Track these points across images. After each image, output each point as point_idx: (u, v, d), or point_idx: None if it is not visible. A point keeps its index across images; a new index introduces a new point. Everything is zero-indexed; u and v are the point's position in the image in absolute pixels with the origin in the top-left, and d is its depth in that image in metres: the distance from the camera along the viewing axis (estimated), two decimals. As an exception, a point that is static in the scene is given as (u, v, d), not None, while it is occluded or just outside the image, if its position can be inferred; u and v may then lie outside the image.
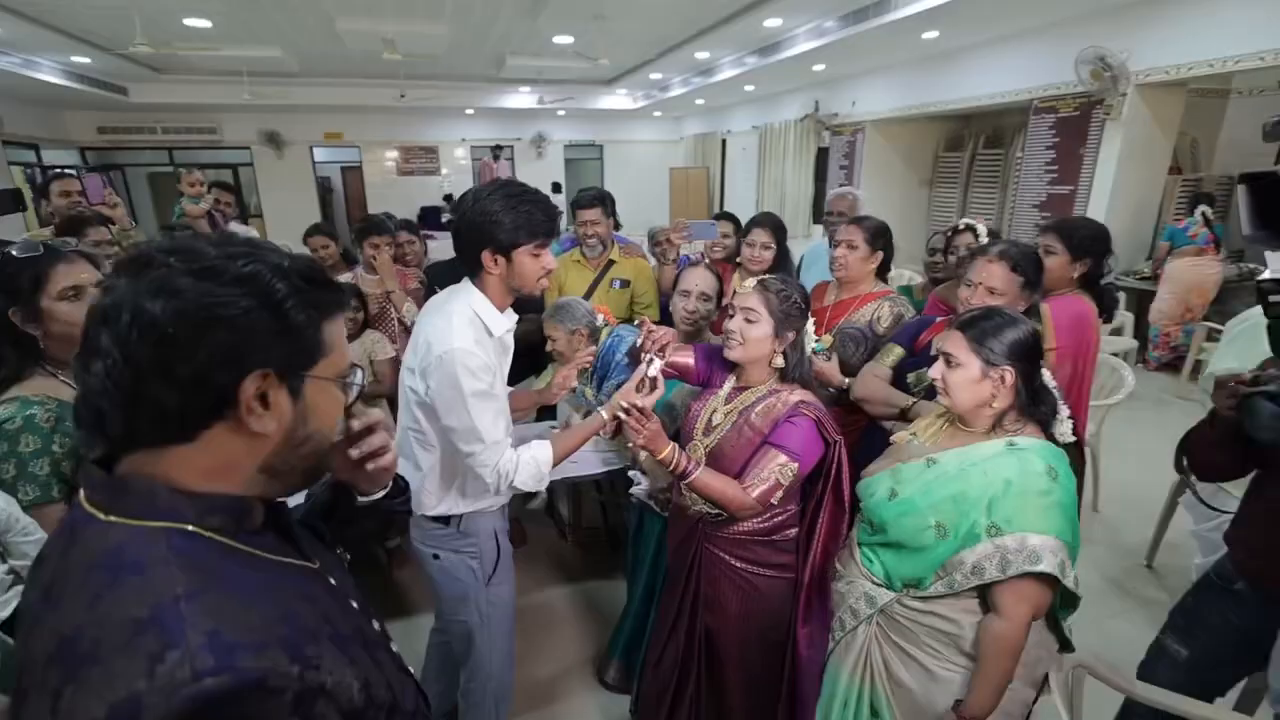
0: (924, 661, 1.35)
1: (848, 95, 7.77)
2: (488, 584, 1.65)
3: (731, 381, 1.66)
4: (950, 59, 6.14)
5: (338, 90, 9.55)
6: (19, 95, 8.03)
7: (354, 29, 6.13)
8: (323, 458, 0.71)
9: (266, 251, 0.63)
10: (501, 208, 1.40)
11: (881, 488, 1.41)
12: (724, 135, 11.33)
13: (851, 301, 2.22)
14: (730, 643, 1.69)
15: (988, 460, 1.30)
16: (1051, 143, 5.17)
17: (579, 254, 2.86)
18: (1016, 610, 1.24)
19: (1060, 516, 1.23)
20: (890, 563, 1.39)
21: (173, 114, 10.19)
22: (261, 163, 11.18)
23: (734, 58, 7.55)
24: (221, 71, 8.34)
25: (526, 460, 1.52)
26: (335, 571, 0.76)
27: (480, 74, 9.21)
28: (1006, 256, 1.75)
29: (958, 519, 1.28)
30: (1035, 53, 5.24)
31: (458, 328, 1.43)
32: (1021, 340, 1.31)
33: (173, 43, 6.50)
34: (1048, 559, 1.20)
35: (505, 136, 11.85)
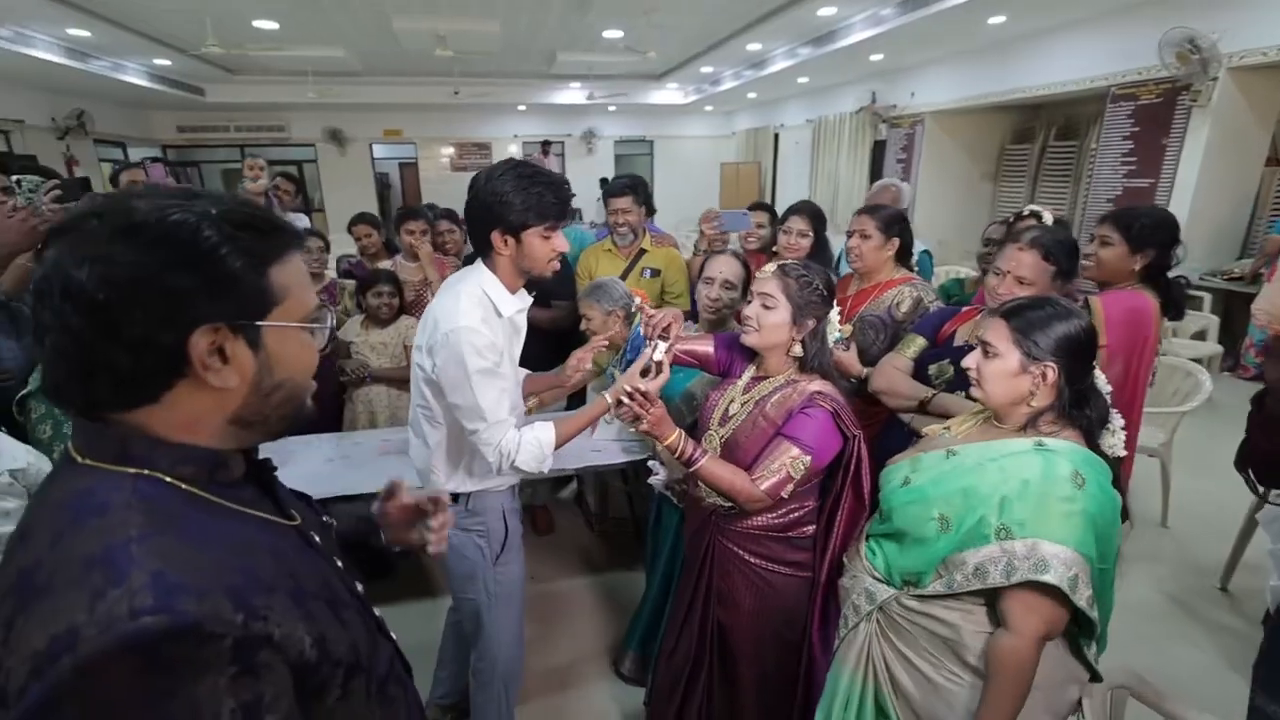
0: (922, 668, 1.25)
1: (906, 86, 7.49)
2: (495, 563, 1.65)
3: (751, 371, 1.60)
4: (1018, 45, 5.82)
5: (396, 89, 9.85)
6: (109, 97, 8.65)
7: (410, 28, 6.29)
8: (299, 406, 0.70)
9: (199, 200, 0.60)
10: (512, 188, 1.39)
11: (898, 475, 1.34)
12: (776, 129, 11.13)
13: (871, 290, 2.14)
14: (743, 639, 1.64)
15: (1008, 457, 1.19)
16: (1130, 132, 4.83)
17: (610, 242, 2.83)
18: (1025, 623, 1.13)
19: (1083, 528, 1.11)
20: (891, 555, 1.32)
21: (245, 113, 10.80)
22: (325, 159, 11.73)
23: (787, 49, 7.38)
24: (289, 71, 8.76)
25: (529, 440, 1.50)
26: (320, 532, 0.77)
27: (532, 70, 9.34)
28: (1038, 244, 1.65)
29: (963, 513, 1.18)
30: (1114, 36, 4.89)
31: (465, 306, 1.44)
32: (1072, 335, 1.18)
33: (243, 44, 6.84)
34: (1056, 569, 1.09)
35: (556, 132, 11.98)
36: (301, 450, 2.44)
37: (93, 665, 0.48)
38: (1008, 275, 1.65)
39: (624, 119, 12.34)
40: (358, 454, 2.42)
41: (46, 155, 7.30)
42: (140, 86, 8.02)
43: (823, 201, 9.04)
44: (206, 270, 0.58)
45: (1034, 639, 1.12)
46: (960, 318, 1.83)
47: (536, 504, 3.17)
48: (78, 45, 6.55)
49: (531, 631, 2.39)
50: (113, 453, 0.60)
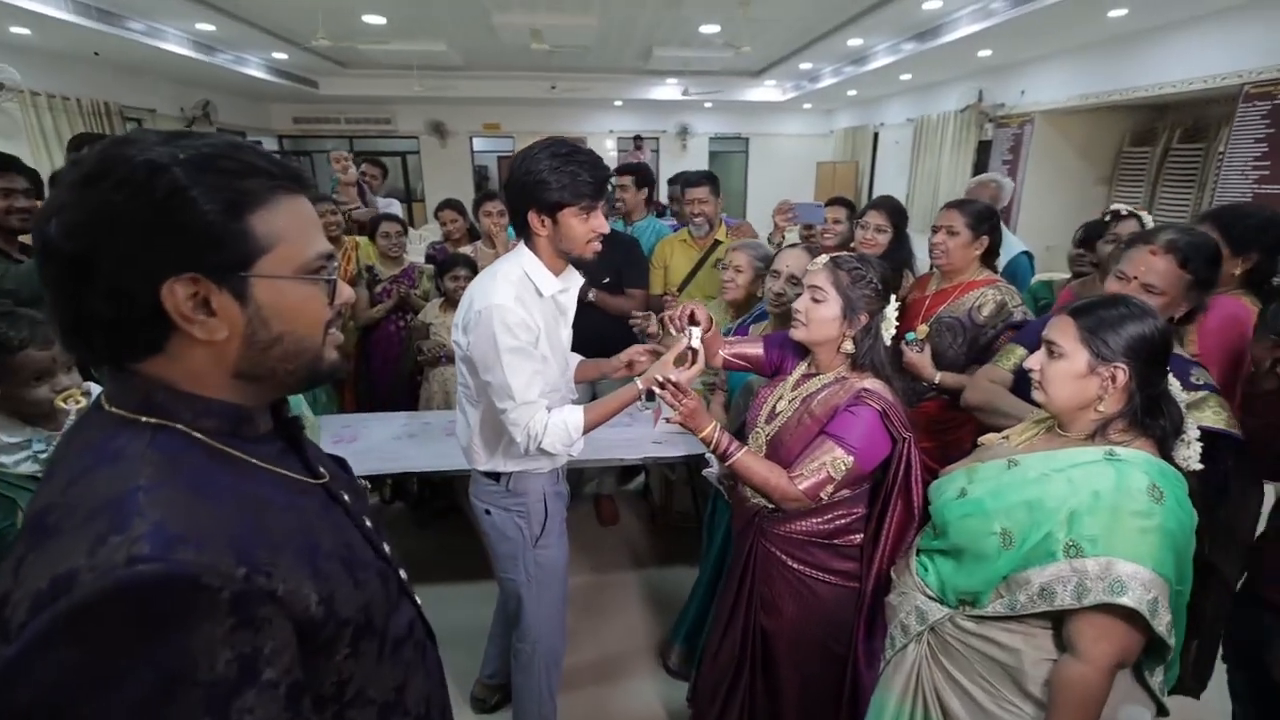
0: (977, 696, 1.16)
1: (1016, 84, 7.07)
2: (535, 545, 1.66)
3: (802, 368, 1.56)
4: (1141, 40, 5.38)
5: (496, 83, 10.17)
6: (231, 88, 9.19)
7: (508, 22, 6.49)
8: (310, 361, 0.66)
9: (177, 141, 0.58)
10: (547, 168, 1.38)
11: (952, 487, 1.26)
12: (876, 128, 10.74)
13: (953, 290, 2.06)
14: (785, 646, 1.59)
15: (1077, 467, 1.10)
16: (1264, 135, 4.38)
17: (686, 234, 2.87)
18: (1096, 650, 1.03)
19: (1162, 546, 1.02)
20: (946, 572, 1.24)
21: (354, 105, 11.29)
22: (427, 151, 12.15)
23: (889, 44, 7.14)
24: (395, 66, 9.13)
25: (556, 423, 1.47)
26: (349, 492, 0.76)
27: (628, 66, 9.42)
28: (1175, 248, 1.45)
29: (1028, 529, 1.09)
30: (1250, 29, 4.44)
31: (500, 285, 1.44)
32: (1146, 336, 1.10)
33: (352, 38, 7.19)
34: (1134, 591, 0.99)
35: (651, 128, 12.02)
36: (372, 425, 2.57)
37: (86, 608, 0.48)
38: (1134, 281, 1.46)
39: (720, 116, 12.23)
40: (426, 433, 2.51)
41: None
42: (259, 79, 8.41)
43: (922, 203, 8.71)
44: (171, 216, 0.55)
45: (1106, 668, 1.03)
46: None
47: (603, 494, 3.22)
48: (204, 39, 6.90)
49: (584, 622, 2.48)
50: (135, 402, 0.60)
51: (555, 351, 1.57)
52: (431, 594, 2.58)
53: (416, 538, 3.09)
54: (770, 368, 1.65)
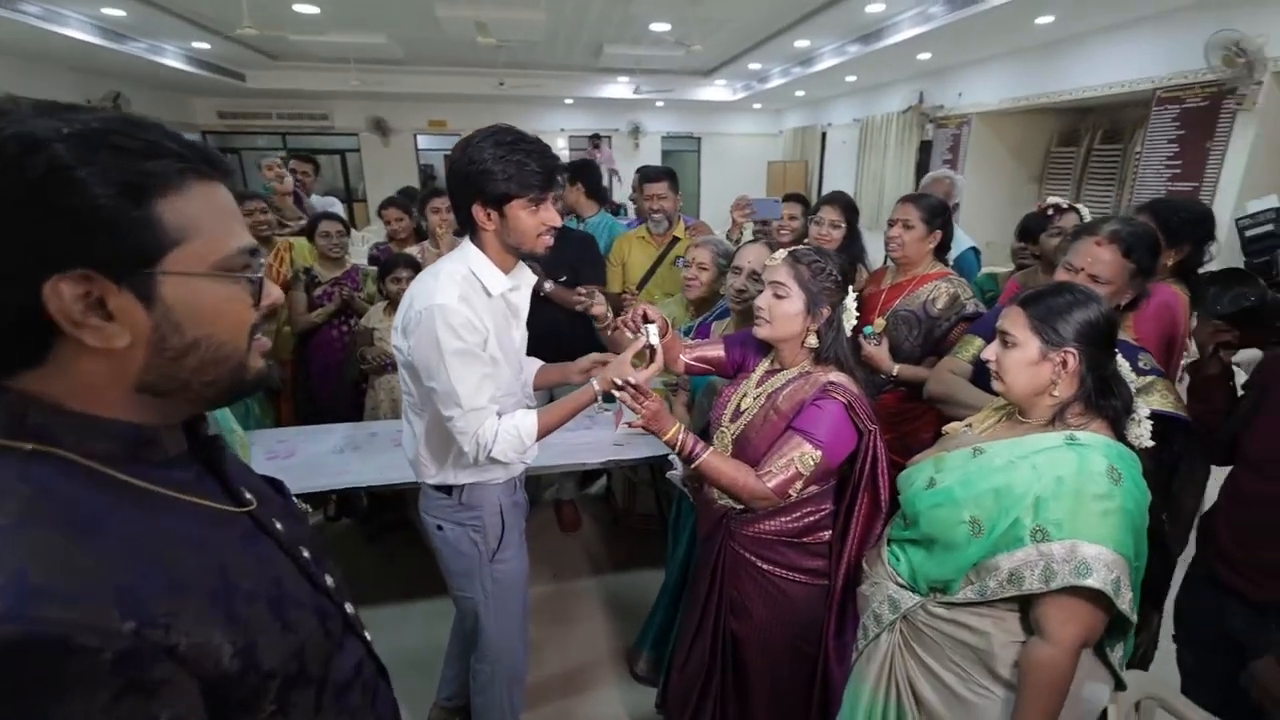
0: (949, 681, 1.19)
1: (954, 86, 7.33)
2: (492, 560, 1.58)
3: (765, 364, 1.54)
4: (1066, 47, 5.67)
5: (441, 79, 9.89)
6: (147, 80, 8.44)
7: (452, 15, 6.28)
8: (232, 370, 0.58)
9: (64, 115, 0.49)
10: (491, 156, 1.28)
11: (921, 477, 1.28)
12: (824, 128, 10.98)
13: (908, 284, 2.11)
14: (755, 650, 1.58)
15: (1041, 453, 1.14)
16: (1175, 136, 4.69)
17: (645, 230, 2.84)
18: (1063, 632, 1.07)
19: (1121, 526, 1.06)
20: (917, 561, 1.26)
21: (287, 100, 10.65)
22: (368, 149, 11.61)
23: (835, 46, 7.29)
24: (331, 58, 8.66)
25: (507, 430, 1.38)
26: (283, 519, 0.68)
27: (578, 63, 9.31)
28: (1118, 239, 1.50)
29: (996, 516, 1.13)
30: (1161, 38, 4.75)
31: (443, 284, 1.34)
32: (1092, 321, 1.15)
33: (282, 27, 6.78)
34: (1099, 572, 1.03)
35: (603, 127, 11.91)
36: (311, 438, 2.41)
37: None
38: (1081, 272, 1.51)
39: (672, 115, 12.25)
40: (371, 444, 2.38)
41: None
42: (179, 70, 7.76)
43: (868, 201, 8.93)
44: (52, 201, 0.47)
45: (1073, 648, 1.07)
46: None
47: (564, 499, 3.17)
48: (113, 25, 6.35)
49: (547, 632, 2.43)
50: (4, 424, 0.50)
51: (507, 354, 1.48)
52: (383, 615, 2.44)
53: (365, 555, 2.97)
54: (732, 367, 1.62)
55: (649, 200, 2.75)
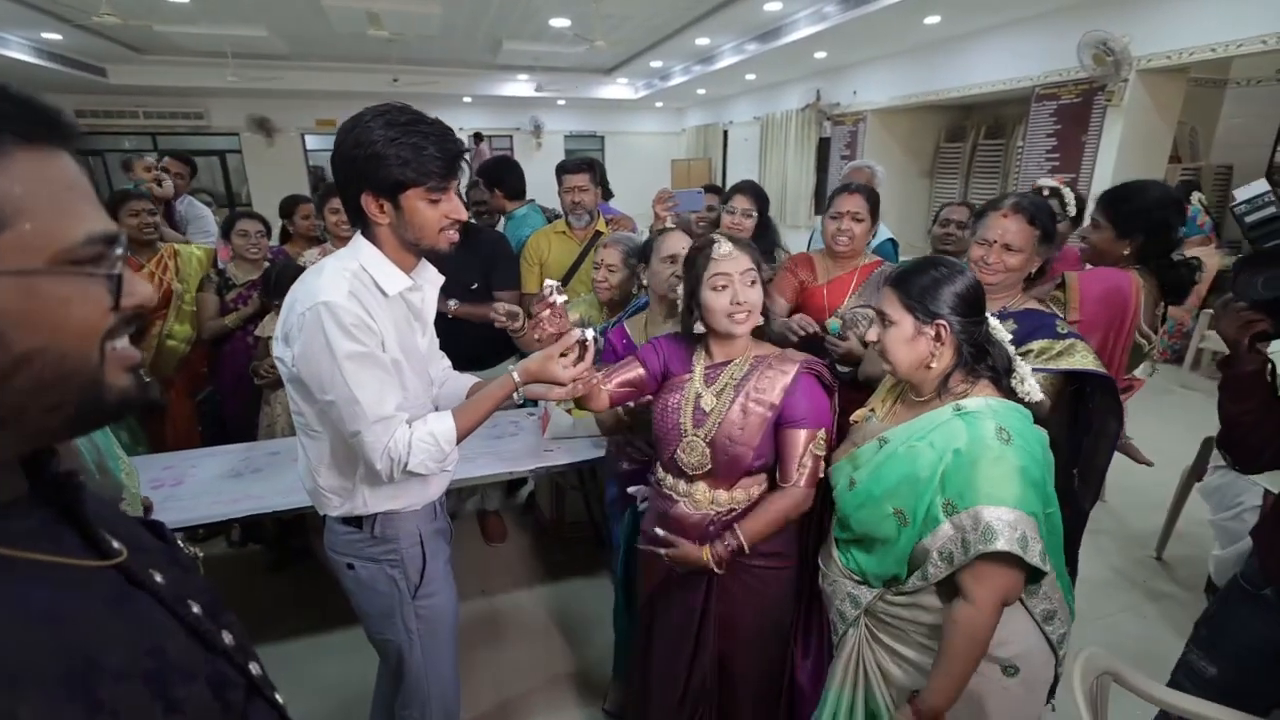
0: (915, 660, 1.24)
1: (849, 84, 7.65)
2: (414, 596, 1.39)
3: (703, 361, 1.48)
4: (952, 46, 6.02)
5: (330, 75, 9.36)
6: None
7: (340, 5, 5.91)
8: (84, 388, 0.47)
9: None
10: (382, 139, 1.11)
11: (842, 477, 1.31)
12: (725, 126, 11.23)
13: (850, 277, 2.09)
14: (743, 663, 1.55)
15: (934, 431, 1.18)
16: (1053, 130, 5.07)
17: (564, 224, 2.72)
18: (979, 592, 1.12)
19: (1017, 482, 1.10)
20: (863, 560, 1.29)
21: (156, 98, 9.87)
22: (251, 150, 10.89)
23: (734, 44, 7.43)
24: (205, 52, 8.05)
25: (422, 437, 1.20)
26: (165, 569, 0.56)
27: (477, 60, 9.06)
28: (1021, 209, 1.62)
29: (914, 502, 1.16)
30: (1038, 39, 5.13)
31: (330, 280, 1.16)
32: (958, 292, 1.20)
33: (148, 17, 6.21)
34: (1004, 535, 1.07)
35: (504, 126, 11.71)
36: (201, 462, 2.18)
37: None
38: (995, 244, 1.62)
39: (574, 114, 12.15)
40: (273, 465, 2.17)
41: None
42: (25, 63, 7.00)
43: (773, 196, 9.10)
44: None
45: (990, 607, 1.12)
46: None
47: (489, 510, 3.00)
48: None
49: (481, 655, 2.26)
50: None
51: (412, 360, 1.30)
52: (298, 649, 2.23)
53: (274, 585, 2.71)
54: (656, 380, 1.52)
55: (569, 193, 2.63)
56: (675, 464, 1.47)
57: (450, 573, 1.50)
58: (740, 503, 1.46)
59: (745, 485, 1.46)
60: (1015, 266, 1.61)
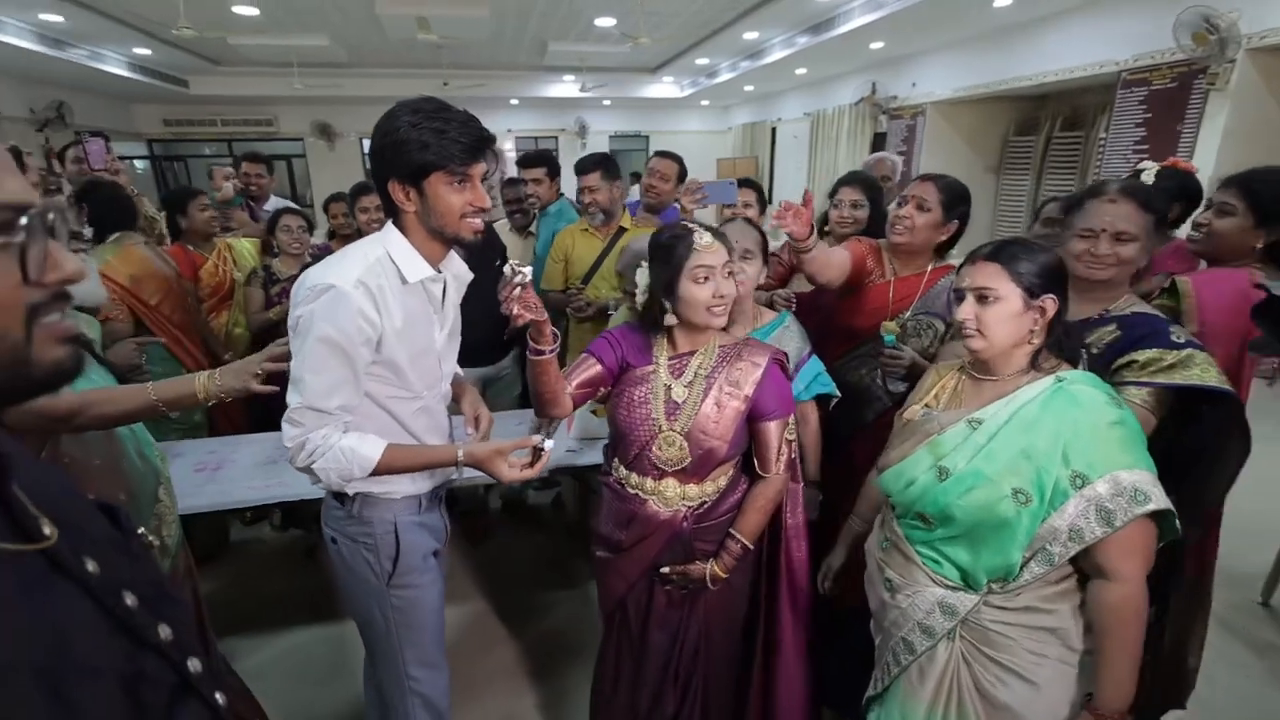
0: (1026, 671, 1.14)
1: (908, 76, 7.27)
2: (389, 584, 1.39)
3: (665, 352, 1.45)
4: (1025, 31, 5.59)
5: (385, 81, 9.64)
6: (89, 87, 8.43)
7: (393, 12, 6.06)
8: (13, 362, 0.46)
9: None
10: (406, 124, 1.14)
11: (921, 471, 1.21)
12: (774, 123, 10.93)
13: (919, 279, 1.82)
14: (717, 673, 1.59)
15: (1046, 400, 1.13)
16: (1142, 119, 4.61)
17: (586, 222, 2.66)
18: (1129, 566, 1.07)
19: (1141, 443, 1.10)
20: (965, 558, 1.18)
21: (231, 106, 10.60)
22: (314, 154, 11.56)
23: (785, 37, 7.17)
24: (274, 62, 8.54)
25: (343, 449, 1.21)
26: (103, 555, 0.54)
27: (524, 62, 9.15)
28: (1130, 192, 1.39)
29: (1037, 476, 1.09)
30: (1126, 19, 4.67)
31: (347, 266, 1.19)
32: (1056, 265, 1.18)
33: (221, 30, 6.59)
34: (1156, 494, 1.04)
35: (550, 127, 11.82)
36: (241, 449, 2.23)
37: None
38: (1103, 234, 1.39)
39: (619, 113, 12.13)
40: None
41: (25, 146, 7.04)
42: (121, 77, 7.78)
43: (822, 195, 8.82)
44: None
45: (1141, 578, 1.08)
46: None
47: (480, 510, 2.97)
48: (51, 32, 6.30)
49: (499, 655, 2.22)
50: None
51: (418, 352, 1.30)
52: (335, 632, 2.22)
53: (307, 570, 2.77)
54: (613, 374, 1.48)
55: (582, 193, 2.60)
56: (645, 461, 1.44)
57: (436, 569, 1.47)
58: (710, 495, 1.46)
59: (715, 477, 1.46)
60: (1130, 258, 1.37)
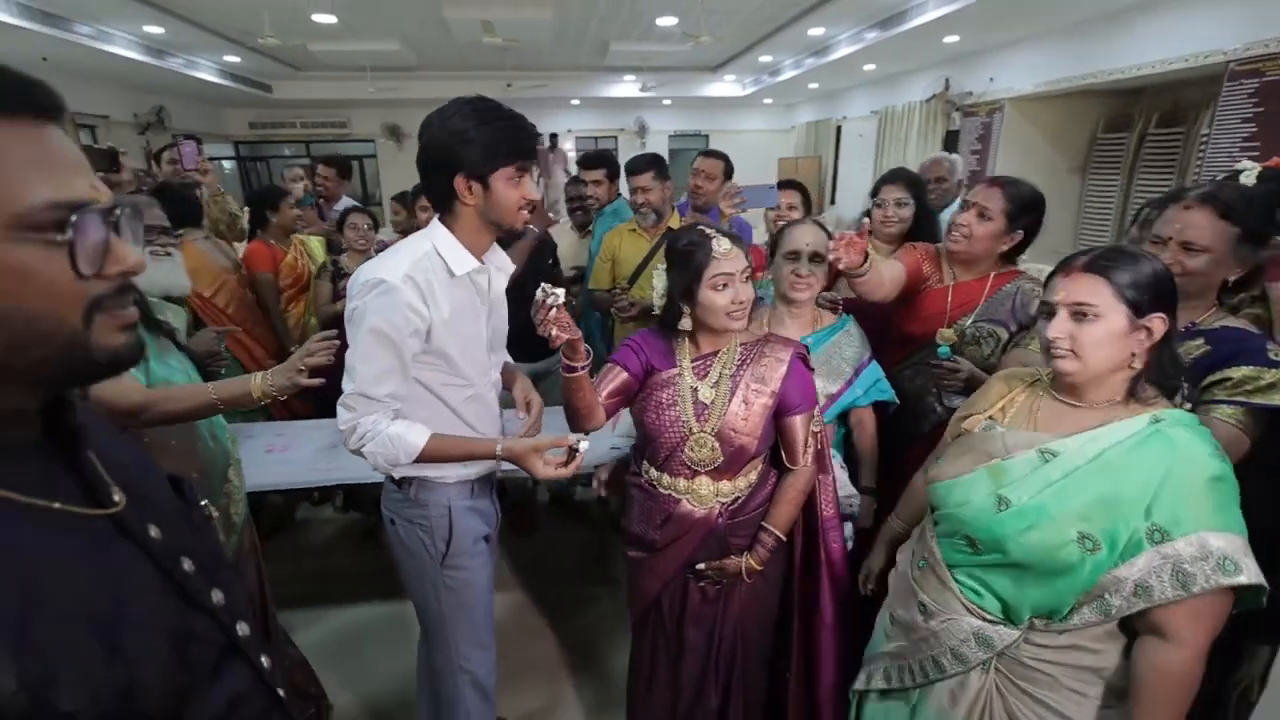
0: (1064, 709, 1.07)
1: (984, 70, 6.88)
2: (442, 564, 1.49)
3: (688, 354, 1.48)
4: (1116, 21, 5.18)
5: (451, 84, 9.83)
6: (184, 93, 9.09)
7: (460, 16, 6.21)
8: (61, 347, 0.50)
9: None
10: (475, 124, 1.22)
11: (979, 495, 1.11)
12: (839, 122, 10.59)
13: (982, 284, 1.72)
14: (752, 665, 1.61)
15: (1139, 445, 1.01)
16: (1252, 114, 4.18)
17: (635, 223, 2.65)
18: (1193, 632, 0.97)
19: (1236, 507, 0.98)
20: (1010, 591, 1.10)
21: (310, 109, 11.22)
22: (384, 155, 12.08)
23: (852, 33, 6.91)
24: (348, 67, 8.99)
25: (391, 435, 1.29)
26: (165, 523, 0.60)
27: (585, 62, 9.24)
28: (1211, 199, 1.31)
29: (1113, 527, 0.99)
30: (1234, 4, 4.25)
31: (397, 260, 1.28)
32: (1165, 278, 1.04)
33: (303, 37, 6.98)
34: (1248, 565, 0.94)
35: (610, 127, 11.93)
36: (307, 433, 2.39)
37: None
38: (1170, 241, 1.32)
39: (679, 113, 12.11)
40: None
41: (129, 149, 7.64)
42: (212, 83, 8.38)
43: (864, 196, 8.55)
44: None
45: (1204, 646, 0.98)
46: None
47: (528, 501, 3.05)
48: (153, 42, 6.81)
49: (543, 645, 2.30)
50: None
51: (467, 342, 1.38)
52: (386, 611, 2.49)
53: (368, 550, 2.91)
54: (639, 380, 1.51)
55: (634, 193, 2.59)
56: (676, 462, 1.47)
57: (486, 553, 1.56)
58: (743, 490, 1.49)
59: (746, 472, 1.49)
60: (1196, 269, 1.29)
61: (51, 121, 0.51)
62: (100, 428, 0.63)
